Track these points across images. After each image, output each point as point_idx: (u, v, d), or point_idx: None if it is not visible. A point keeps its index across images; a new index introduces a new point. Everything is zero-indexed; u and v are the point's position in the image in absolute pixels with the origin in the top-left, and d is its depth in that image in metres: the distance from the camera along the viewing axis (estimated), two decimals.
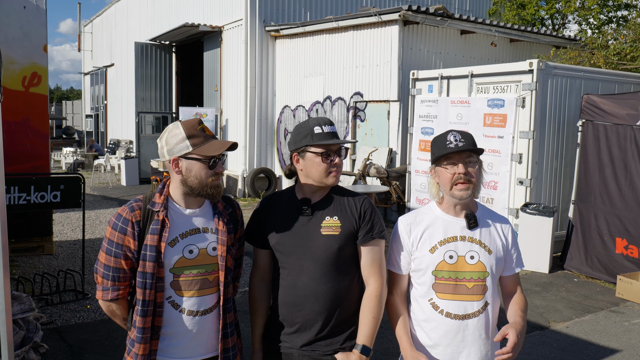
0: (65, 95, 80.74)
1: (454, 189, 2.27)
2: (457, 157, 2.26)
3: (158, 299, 2.24)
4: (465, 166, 2.25)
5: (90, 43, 28.88)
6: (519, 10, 18.64)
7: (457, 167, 2.26)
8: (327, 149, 2.34)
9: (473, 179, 2.26)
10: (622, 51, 11.81)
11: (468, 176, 2.25)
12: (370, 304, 2.36)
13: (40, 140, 7.40)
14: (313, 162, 2.35)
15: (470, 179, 2.26)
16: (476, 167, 2.28)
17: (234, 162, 14.81)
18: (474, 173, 2.27)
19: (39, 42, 7.27)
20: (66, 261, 7.76)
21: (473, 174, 2.26)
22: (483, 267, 2.31)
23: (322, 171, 2.35)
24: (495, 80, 8.45)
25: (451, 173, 2.27)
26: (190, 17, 16.43)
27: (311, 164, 2.36)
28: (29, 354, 4.50)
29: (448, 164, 2.28)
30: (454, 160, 2.27)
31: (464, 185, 2.26)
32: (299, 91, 13.70)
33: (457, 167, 2.26)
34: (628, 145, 7.17)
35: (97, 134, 27.00)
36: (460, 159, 2.26)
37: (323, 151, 2.34)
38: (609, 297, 6.81)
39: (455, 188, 2.27)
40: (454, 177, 2.26)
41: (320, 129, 2.35)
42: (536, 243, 7.69)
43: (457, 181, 2.26)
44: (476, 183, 2.28)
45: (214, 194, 2.28)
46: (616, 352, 5.16)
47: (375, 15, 10.92)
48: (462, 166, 2.25)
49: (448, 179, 2.29)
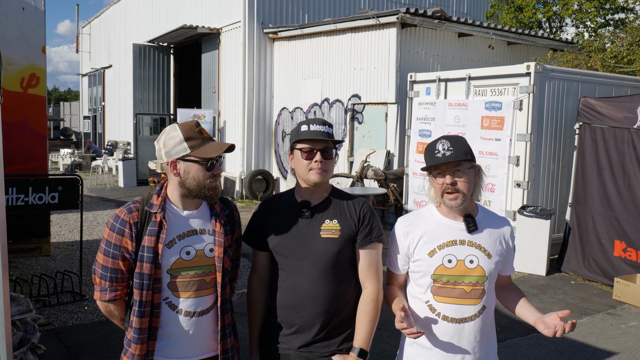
0: (63, 96, 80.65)
1: (444, 198, 2.29)
2: (444, 168, 2.27)
3: (155, 300, 2.24)
4: (453, 176, 2.25)
5: (89, 44, 28.85)
6: (517, 13, 18.68)
7: (445, 177, 2.27)
8: (309, 145, 2.36)
9: (461, 189, 2.26)
10: (619, 54, 11.86)
11: (455, 186, 2.25)
12: (367, 307, 2.37)
13: (38, 141, 7.39)
14: (298, 159, 2.39)
15: (457, 188, 2.26)
16: (465, 176, 2.26)
17: (231, 164, 14.81)
18: (462, 182, 2.26)
19: (37, 43, 7.26)
20: (64, 262, 7.75)
21: (461, 183, 2.26)
22: (482, 271, 2.31)
23: (304, 168, 2.37)
24: (493, 82, 8.47)
25: (439, 183, 2.28)
26: (189, 19, 16.43)
27: (297, 162, 2.40)
28: (26, 355, 4.50)
29: (436, 174, 2.30)
30: (442, 170, 2.28)
31: (452, 195, 2.26)
32: (296, 93, 13.71)
33: (445, 177, 2.26)
34: (626, 148, 7.19)
35: (94, 136, 26.97)
36: (448, 169, 2.26)
37: (304, 147, 2.36)
38: (606, 299, 6.82)
39: (445, 198, 2.28)
40: (443, 187, 2.28)
41: (307, 127, 2.38)
42: (533, 245, 7.71)
43: (445, 191, 2.27)
44: (467, 191, 2.27)
45: (212, 196, 2.29)
46: (613, 355, 5.17)
47: (373, 17, 10.95)
48: (449, 177, 2.25)
49: (437, 188, 2.31)
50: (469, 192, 2.29)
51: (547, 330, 2.20)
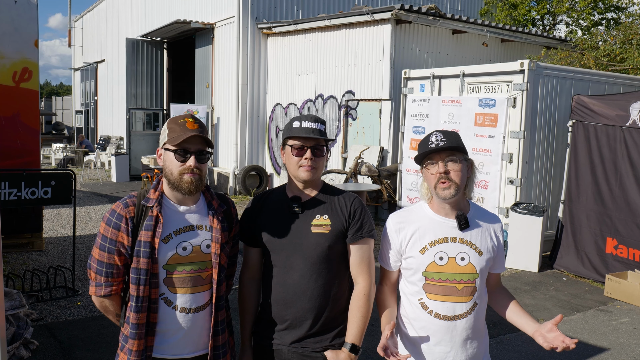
0: (55, 90, 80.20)
1: (437, 188, 2.28)
2: (437, 157, 2.27)
3: (152, 295, 2.24)
4: (445, 164, 2.26)
5: (81, 38, 28.68)
6: (511, 10, 18.70)
7: (437, 166, 2.27)
8: (300, 142, 2.36)
9: (454, 178, 2.26)
10: (612, 52, 11.91)
11: (448, 175, 2.25)
12: (359, 302, 2.38)
13: (31, 136, 7.35)
14: (289, 155, 2.40)
15: (450, 177, 2.25)
16: (458, 166, 2.26)
17: (225, 160, 14.78)
18: (455, 172, 2.26)
19: (30, 37, 7.22)
20: (56, 258, 7.72)
21: (454, 173, 2.26)
22: (473, 268, 2.32)
23: (294, 164, 2.38)
24: (487, 80, 8.50)
25: (433, 173, 2.28)
26: (182, 14, 16.36)
27: (288, 158, 2.41)
28: (19, 350, 4.49)
29: (430, 164, 2.30)
30: (435, 159, 2.28)
31: (445, 184, 2.25)
32: (290, 89, 13.69)
33: (438, 165, 2.26)
34: (618, 146, 7.24)
35: (87, 130, 26.83)
36: (440, 158, 2.27)
37: (295, 144, 2.37)
38: (598, 296, 6.87)
39: (438, 187, 2.27)
40: (436, 177, 2.27)
41: (299, 123, 2.38)
42: (526, 242, 7.75)
43: (439, 181, 2.27)
44: (460, 182, 2.27)
45: (188, 189, 2.23)
46: (604, 351, 5.21)
47: (368, 14, 10.94)
48: (442, 164, 2.25)
49: (431, 179, 2.30)
50: (462, 184, 2.29)
51: (547, 344, 2.24)
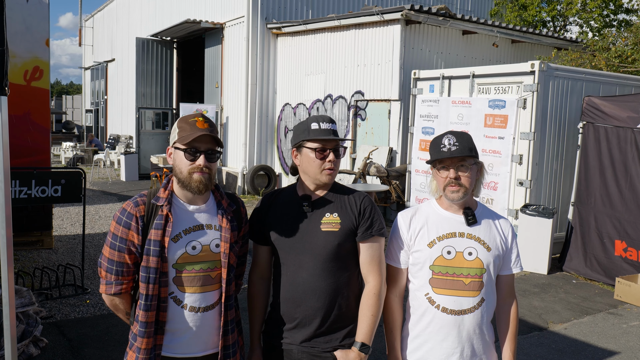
0: (65, 89, 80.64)
1: (447, 191, 2.35)
2: (449, 162, 2.33)
3: (162, 294, 2.24)
4: (457, 171, 2.32)
5: (91, 38, 28.83)
6: (521, 11, 18.60)
7: (448, 171, 2.33)
8: (322, 144, 2.36)
9: (464, 183, 2.32)
10: (624, 53, 11.82)
11: (458, 180, 2.32)
12: (369, 301, 2.37)
13: (41, 134, 7.40)
14: (308, 157, 2.38)
15: (461, 182, 2.32)
16: (469, 171, 2.33)
17: (233, 159, 14.81)
18: (465, 177, 2.33)
19: (41, 36, 7.26)
20: (65, 256, 7.76)
21: (464, 178, 2.32)
22: (481, 263, 2.35)
23: (316, 167, 2.36)
24: (497, 81, 8.45)
25: (443, 177, 2.35)
26: (192, 14, 16.41)
27: (306, 160, 2.39)
28: (28, 347, 4.51)
29: (441, 168, 2.36)
30: (446, 164, 2.34)
31: (454, 187, 2.32)
32: (300, 89, 13.70)
33: (449, 171, 2.33)
34: (628, 148, 7.19)
35: (96, 129, 26.98)
36: (452, 163, 2.32)
37: (317, 146, 2.36)
38: (608, 299, 6.83)
39: (447, 190, 2.35)
40: (446, 181, 2.34)
41: (317, 125, 2.37)
42: (535, 244, 7.70)
43: (448, 184, 2.33)
44: (469, 186, 2.34)
45: (198, 188, 2.24)
46: (614, 354, 5.17)
47: (378, 14, 10.92)
48: (453, 171, 2.32)
49: (441, 182, 2.37)
50: (470, 187, 2.36)
51: None
